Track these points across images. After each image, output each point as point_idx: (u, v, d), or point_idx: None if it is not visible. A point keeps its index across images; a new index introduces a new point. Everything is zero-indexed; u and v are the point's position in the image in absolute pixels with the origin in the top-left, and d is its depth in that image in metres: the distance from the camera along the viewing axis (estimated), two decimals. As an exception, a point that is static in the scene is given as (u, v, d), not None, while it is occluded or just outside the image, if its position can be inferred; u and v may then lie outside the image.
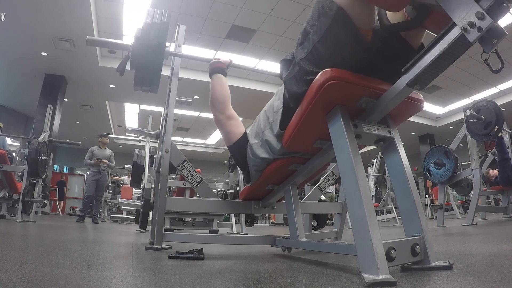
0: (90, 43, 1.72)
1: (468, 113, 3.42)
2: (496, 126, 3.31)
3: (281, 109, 1.20)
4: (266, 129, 1.32)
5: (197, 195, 2.78)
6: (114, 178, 10.30)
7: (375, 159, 8.09)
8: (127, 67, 1.58)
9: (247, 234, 3.10)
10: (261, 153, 1.38)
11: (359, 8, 0.92)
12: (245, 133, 1.54)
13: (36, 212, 5.26)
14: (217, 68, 1.73)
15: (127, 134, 8.35)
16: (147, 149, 5.25)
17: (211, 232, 3.71)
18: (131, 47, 1.53)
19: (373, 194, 8.07)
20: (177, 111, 2.38)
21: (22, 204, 3.92)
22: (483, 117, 3.36)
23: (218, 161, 11.70)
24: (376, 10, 1.00)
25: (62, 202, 10.48)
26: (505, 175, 3.95)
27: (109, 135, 6.23)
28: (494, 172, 4.50)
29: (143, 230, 3.36)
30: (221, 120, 1.59)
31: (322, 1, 0.97)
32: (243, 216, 3.87)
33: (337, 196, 5.10)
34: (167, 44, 1.70)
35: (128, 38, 6.41)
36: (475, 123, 3.45)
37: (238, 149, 1.52)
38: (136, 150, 5.23)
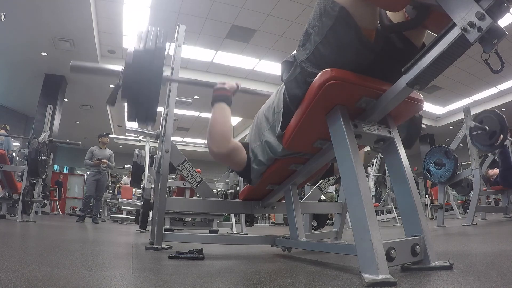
0: (75, 70, 1.46)
1: (472, 124, 3.40)
2: (501, 135, 3.29)
3: (282, 110, 1.20)
4: (266, 130, 1.31)
5: (197, 195, 2.78)
6: (114, 181, 10.31)
7: (375, 159, 8.09)
8: (119, 97, 1.37)
9: (247, 234, 3.10)
10: (262, 157, 1.37)
11: (362, 8, 0.91)
12: (248, 151, 1.44)
13: (36, 212, 5.26)
14: (221, 96, 1.47)
15: (127, 134, 8.34)
16: (147, 149, 5.26)
17: (211, 232, 3.71)
18: (122, 74, 1.33)
19: (373, 194, 8.07)
20: (177, 111, 2.37)
21: (22, 204, 3.92)
22: (487, 128, 3.35)
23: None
24: (378, 10, 1.00)
25: (60, 202, 10.49)
26: (507, 182, 3.97)
27: (109, 135, 6.23)
28: (494, 172, 4.50)
29: (143, 230, 3.36)
30: (220, 156, 1.41)
31: (324, 1, 0.96)
32: (243, 216, 3.87)
33: (337, 196, 5.10)
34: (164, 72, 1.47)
35: (128, 38, 6.42)
36: (479, 135, 3.43)
37: (247, 171, 1.46)
38: (136, 150, 5.24)
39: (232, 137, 1.42)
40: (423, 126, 1.62)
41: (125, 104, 1.38)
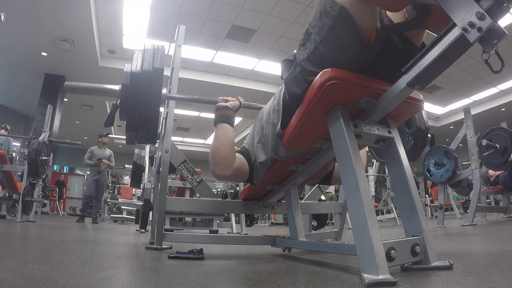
0: (70, 90, 1.42)
1: (484, 142, 3.37)
2: None
3: (281, 108, 1.20)
4: (267, 130, 1.31)
5: (197, 195, 2.78)
6: (114, 181, 10.33)
7: (375, 159, 8.08)
8: (117, 118, 1.32)
9: (247, 234, 3.10)
10: (265, 156, 1.37)
11: (362, 8, 0.91)
12: (249, 160, 1.43)
13: (36, 212, 5.26)
14: (224, 117, 1.42)
15: (127, 134, 8.34)
16: (147, 149, 5.25)
17: (211, 232, 3.71)
18: (119, 93, 1.28)
19: (373, 194, 8.07)
20: (177, 111, 2.36)
21: (22, 204, 3.92)
22: (498, 146, 3.33)
23: (218, 161, 11.63)
24: (378, 10, 1.00)
25: (61, 202, 10.49)
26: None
27: (109, 135, 6.23)
28: (494, 172, 4.50)
29: (143, 230, 3.36)
30: (223, 177, 1.38)
31: (324, 1, 0.96)
32: (243, 216, 3.87)
33: (337, 196, 5.10)
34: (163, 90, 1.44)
35: (128, 38, 6.42)
36: (491, 154, 3.41)
37: (251, 180, 1.48)
38: (136, 150, 5.23)
39: (235, 159, 1.38)
40: (429, 136, 1.61)
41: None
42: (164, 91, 1.40)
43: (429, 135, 1.64)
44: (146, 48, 1.34)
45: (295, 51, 1.13)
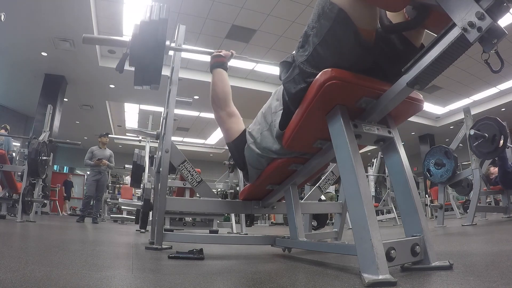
0: (87, 41, 1.70)
1: (472, 132, 3.40)
2: (502, 136, 3.29)
3: (281, 111, 1.20)
4: (264, 130, 1.31)
5: (197, 195, 2.78)
6: (114, 181, 10.36)
7: (375, 159, 8.09)
8: (126, 65, 1.54)
9: (247, 234, 3.10)
10: (258, 151, 1.37)
11: (361, 9, 0.91)
12: (245, 131, 1.52)
13: (36, 212, 5.26)
14: (218, 63, 1.70)
15: (127, 134, 8.36)
16: (147, 149, 5.26)
17: (211, 232, 3.71)
18: (130, 44, 1.49)
19: (373, 194, 8.07)
20: (177, 111, 2.37)
21: (22, 204, 3.92)
22: (487, 134, 3.35)
23: (218, 161, 11.69)
24: (377, 11, 1.00)
25: (67, 202, 10.51)
26: (507, 185, 3.97)
27: (109, 135, 6.23)
28: (495, 170, 4.50)
29: (143, 230, 3.36)
30: (221, 116, 1.58)
31: (322, 3, 0.96)
32: (243, 216, 3.87)
33: (337, 196, 5.10)
34: (167, 41, 1.63)
35: (128, 38, 6.41)
36: (480, 143, 3.44)
37: (237, 147, 1.51)
38: (136, 150, 5.24)
39: (231, 96, 1.61)
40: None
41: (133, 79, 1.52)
42: (167, 43, 1.61)
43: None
44: (152, 4, 1.54)
45: (293, 52, 1.13)
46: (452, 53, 0.81)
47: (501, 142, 3.31)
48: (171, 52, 2.08)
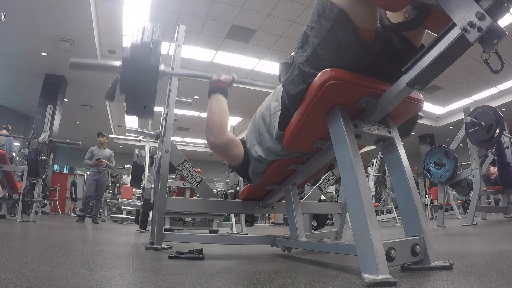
0: (74, 67, 1.47)
1: (468, 119, 3.41)
2: (498, 127, 3.30)
3: (279, 112, 1.19)
4: (264, 131, 1.31)
5: (197, 195, 2.78)
6: (114, 181, 10.37)
7: (375, 159, 8.09)
8: (118, 92, 1.38)
9: (247, 234, 3.10)
10: (259, 154, 1.37)
11: (361, 9, 0.91)
12: (245, 148, 1.45)
13: (36, 212, 5.26)
14: (217, 88, 1.49)
15: (127, 134, 8.35)
16: (147, 149, 5.26)
17: (211, 232, 3.71)
18: (120, 69, 1.35)
19: (373, 194, 8.07)
20: (177, 111, 2.36)
21: (22, 204, 3.92)
22: (483, 123, 3.36)
23: (218, 161, 11.68)
24: (378, 11, 1.00)
25: (75, 203, 10.51)
26: (505, 179, 3.96)
27: (108, 135, 6.21)
28: (495, 170, 4.50)
29: (143, 230, 3.36)
30: (218, 146, 1.42)
31: (322, 3, 0.96)
32: (243, 216, 3.87)
33: (337, 196, 5.10)
34: (161, 66, 1.48)
35: (128, 38, 6.42)
36: (476, 131, 3.44)
37: (243, 167, 1.47)
38: (136, 150, 5.24)
39: (228, 126, 1.44)
40: (421, 114, 1.62)
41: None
42: (162, 67, 1.46)
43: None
44: (145, 25, 1.42)
45: (292, 53, 1.13)
46: (452, 53, 0.81)
47: (497, 132, 3.32)
48: (171, 52, 2.08)
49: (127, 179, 9.47)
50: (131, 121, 11.52)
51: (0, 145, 5.89)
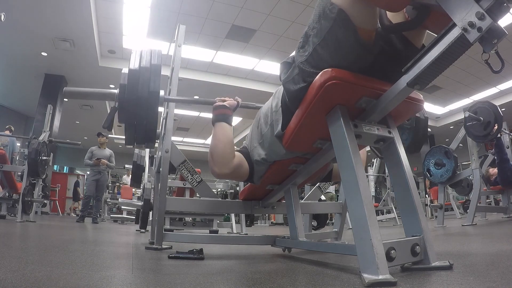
0: (68, 95, 1.41)
1: (466, 114, 3.42)
2: (496, 125, 3.31)
3: (280, 109, 1.20)
4: (266, 130, 1.32)
5: (197, 195, 2.78)
6: (114, 181, 10.35)
7: (375, 159, 8.09)
8: (116, 121, 1.33)
9: (247, 234, 3.10)
10: (262, 156, 1.37)
11: (361, 10, 0.91)
12: (249, 160, 1.43)
13: (36, 212, 5.26)
14: (221, 116, 1.43)
15: (127, 134, 8.35)
16: (147, 149, 5.25)
17: (211, 232, 3.71)
18: (118, 97, 1.28)
19: (373, 194, 8.07)
20: (177, 111, 2.36)
21: (22, 204, 3.92)
22: (482, 118, 3.37)
23: (218, 161, 11.63)
24: (378, 11, 1.00)
25: (78, 203, 10.50)
26: (504, 176, 3.96)
27: (108, 135, 6.20)
28: (494, 171, 4.50)
29: (143, 230, 3.36)
30: (222, 176, 1.39)
31: (323, 3, 0.96)
32: (243, 216, 3.87)
33: (337, 196, 5.10)
34: (161, 92, 1.42)
35: (128, 38, 6.42)
36: (474, 125, 3.46)
37: (251, 179, 1.49)
38: (136, 150, 5.23)
39: (234, 157, 1.38)
40: (429, 130, 1.62)
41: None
42: (162, 93, 1.40)
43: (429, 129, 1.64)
44: (143, 49, 1.36)
45: (293, 53, 1.13)
46: (452, 53, 0.81)
47: (495, 129, 3.32)
48: (171, 52, 2.07)
49: (126, 179, 9.47)
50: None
51: (3, 146, 5.89)
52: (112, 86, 7.94)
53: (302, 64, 1.04)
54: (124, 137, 1.41)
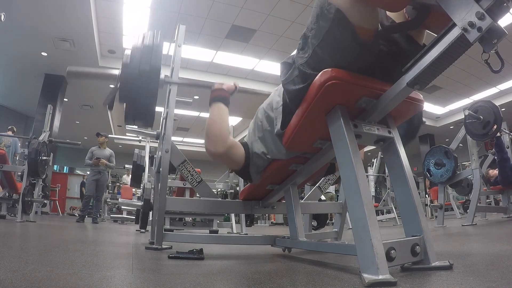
0: (72, 76, 1.45)
1: (466, 112, 3.43)
2: (495, 125, 3.31)
3: (281, 107, 1.20)
4: (267, 127, 1.32)
5: (197, 195, 2.78)
6: (114, 181, 10.33)
7: (375, 159, 8.09)
8: (117, 100, 1.36)
9: (247, 234, 3.10)
10: (262, 150, 1.37)
11: (359, 9, 0.91)
12: (247, 150, 1.43)
13: (36, 212, 5.26)
14: (219, 97, 1.48)
15: (127, 134, 8.36)
16: (147, 149, 5.26)
17: (211, 232, 3.71)
18: (119, 77, 1.33)
19: (373, 194, 8.07)
20: (177, 111, 2.36)
21: (22, 204, 3.92)
22: (481, 117, 3.37)
23: (218, 161, 11.64)
24: (378, 10, 1.00)
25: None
26: (505, 175, 3.96)
27: (107, 134, 6.20)
28: (494, 172, 4.50)
29: (143, 230, 3.36)
30: (217, 155, 1.38)
31: (321, 4, 0.96)
32: (243, 216, 3.87)
33: (337, 196, 5.10)
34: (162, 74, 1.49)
35: (128, 38, 6.41)
36: (473, 123, 3.46)
37: (244, 170, 1.45)
38: (136, 150, 5.24)
39: (230, 136, 1.41)
40: (424, 120, 1.62)
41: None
42: (162, 76, 1.46)
43: (424, 118, 1.63)
44: (145, 31, 1.42)
45: (293, 53, 1.13)
46: (452, 53, 0.81)
47: (493, 129, 3.32)
48: (171, 52, 2.08)
49: (126, 178, 9.46)
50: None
51: (6, 146, 5.89)
52: (112, 86, 7.92)
53: (302, 66, 1.04)
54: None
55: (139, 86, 1.31)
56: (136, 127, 1.75)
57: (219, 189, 5.01)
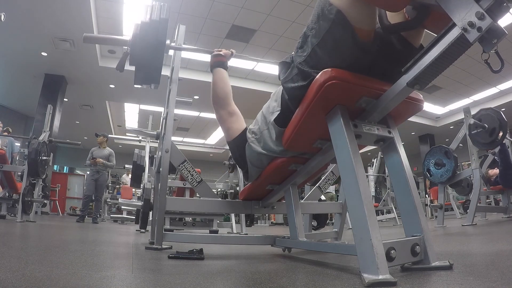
0: (88, 40, 1.73)
1: (471, 121, 3.41)
2: (501, 132, 3.30)
3: (278, 112, 1.21)
4: (264, 129, 1.32)
5: (197, 195, 2.78)
6: (114, 181, 10.30)
7: (375, 159, 8.09)
8: (127, 65, 1.56)
9: (247, 234, 3.10)
10: (258, 149, 1.37)
11: (360, 10, 0.91)
12: (245, 130, 1.52)
13: (36, 212, 5.26)
14: (218, 62, 1.75)
15: (127, 134, 8.36)
16: (147, 149, 5.26)
17: (211, 232, 3.71)
18: (130, 43, 1.52)
19: (373, 194, 8.07)
20: (177, 111, 2.36)
21: (22, 204, 3.92)
22: (486, 125, 3.36)
23: (218, 161, 11.66)
24: (377, 11, 1.00)
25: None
26: (506, 180, 3.96)
27: (106, 134, 6.20)
28: (494, 172, 4.51)
29: (143, 230, 3.36)
30: (222, 116, 1.60)
31: (322, 4, 0.96)
32: (243, 216, 3.87)
33: (337, 196, 5.10)
34: (167, 41, 1.66)
35: (128, 38, 6.41)
36: (479, 133, 3.44)
37: (237, 146, 1.51)
38: (136, 150, 5.23)
39: (231, 95, 1.64)
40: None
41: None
42: (167, 42, 1.65)
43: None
44: (153, 3, 1.56)
45: (292, 53, 1.13)
46: (452, 53, 0.81)
47: (500, 135, 3.31)
48: (171, 52, 2.08)
49: (126, 178, 9.46)
50: (131, 121, 11.54)
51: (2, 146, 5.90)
52: (112, 86, 7.96)
53: (301, 65, 1.04)
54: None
55: (147, 51, 1.49)
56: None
57: (219, 189, 5.01)
